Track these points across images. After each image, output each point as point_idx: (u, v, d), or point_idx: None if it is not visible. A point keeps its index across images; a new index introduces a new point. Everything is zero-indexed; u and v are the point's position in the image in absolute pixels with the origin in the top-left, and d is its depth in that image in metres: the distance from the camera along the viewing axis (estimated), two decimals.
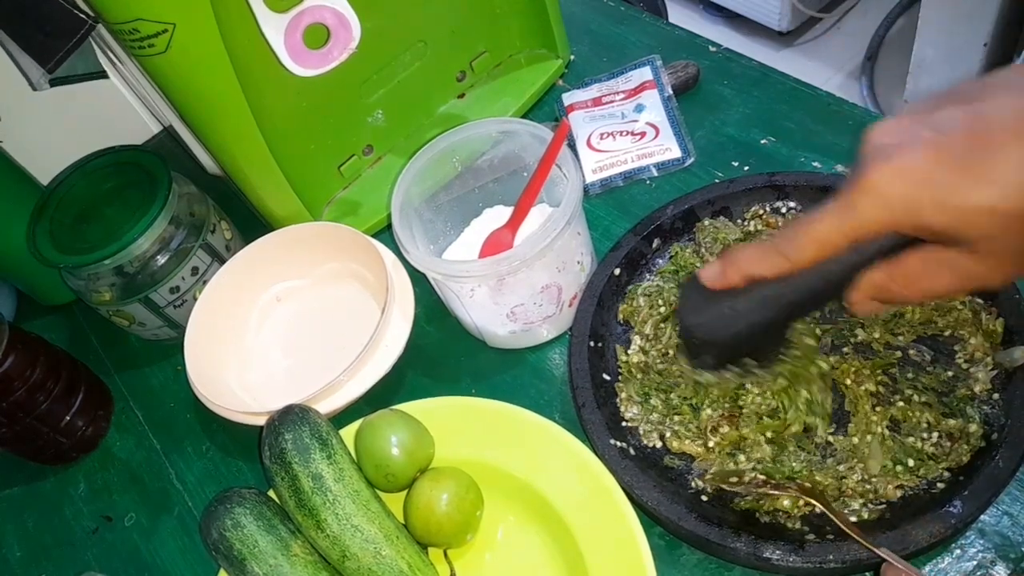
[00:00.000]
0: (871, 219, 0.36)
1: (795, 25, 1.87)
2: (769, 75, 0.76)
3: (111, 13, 0.53)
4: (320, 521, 0.51)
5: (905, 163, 0.34)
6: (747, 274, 0.42)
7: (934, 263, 0.36)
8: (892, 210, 0.35)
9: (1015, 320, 0.51)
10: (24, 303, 0.85)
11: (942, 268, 0.36)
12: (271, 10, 0.58)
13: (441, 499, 0.53)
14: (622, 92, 0.77)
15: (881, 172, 0.35)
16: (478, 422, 0.58)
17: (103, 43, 0.66)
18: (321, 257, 0.71)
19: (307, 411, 0.56)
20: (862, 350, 0.55)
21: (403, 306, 0.64)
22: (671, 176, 0.72)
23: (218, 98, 0.60)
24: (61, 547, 0.67)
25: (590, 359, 0.57)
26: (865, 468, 0.50)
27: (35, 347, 0.66)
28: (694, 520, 0.49)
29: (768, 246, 0.41)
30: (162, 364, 0.75)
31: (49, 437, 0.68)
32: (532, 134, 0.61)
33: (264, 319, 0.72)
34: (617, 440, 0.54)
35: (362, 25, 0.61)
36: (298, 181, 0.70)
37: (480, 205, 0.67)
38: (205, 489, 0.66)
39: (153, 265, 0.66)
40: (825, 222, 0.38)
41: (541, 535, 0.54)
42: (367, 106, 0.74)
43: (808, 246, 0.39)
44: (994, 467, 0.46)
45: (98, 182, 0.71)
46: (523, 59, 0.82)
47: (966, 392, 0.51)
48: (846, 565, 0.45)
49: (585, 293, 0.61)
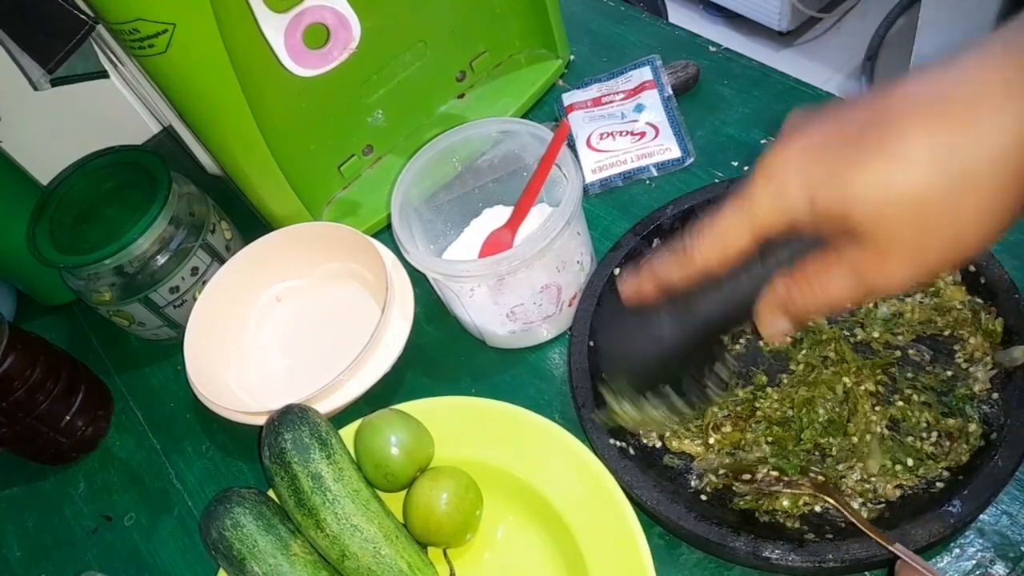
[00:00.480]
0: (768, 207, 0.34)
1: (795, 25, 1.87)
2: (769, 75, 0.76)
3: (111, 13, 0.53)
4: (320, 521, 0.51)
5: (800, 143, 0.33)
6: (658, 280, 0.40)
7: (831, 263, 0.34)
8: (787, 196, 0.33)
9: (1015, 320, 0.51)
10: (24, 303, 0.85)
11: (840, 268, 0.34)
12: (271, 10, 0.58)
13: (441, 499, 0.53)
14: (622, 92, 0.77)
15: (776, 154, 0.34)
16: (478, 422, 0.58)
17: (103, 43, 0.66)
18: (321, 257, 0.71)
19: (307, 411, 0.56)
20: (862, 350, 0.55)
21: (403, 306, 0.64)
22: (671, 176, 0.72)
23: (218, 98, 0.60)
24: (61, 547, 0.67)
25: (590, 359, 0.57)
26: (864, 467, 0.50)
27: (35, 347, 0.66)
28: (693, 520, 0.49)
29: (677, 248, 0.39)
30: (162, 364, 0.75)
31: (49, 437, 0.68)
32: (532, 134, 0.61)
33: (264, 319, 0.72)
34: (617, 440, 0.54)
35: (362, 25, 0.61)
36: (298, 181, 0.70)
37: (480, 205, 0.67)
38: (205, 489, 0.66)
39: (153, 265, 0.67)
40: (726, 215, 0.36)
41: (541, 535, 0.55)
42: (367, 106, 0.74)
43: (711, 242, 0.37)
44: (993, 466, 0.46)
45: (98, 182, 0.71)
46: (523, 59, 0.82)
47: (965, 392, 0.51)
48: (845, 564, 0.46)
49: (585, 293, 0.61)
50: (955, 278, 0.55)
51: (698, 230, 0.37)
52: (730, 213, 0.36)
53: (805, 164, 0.33)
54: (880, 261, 0.33)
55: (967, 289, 0.54)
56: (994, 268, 0.53)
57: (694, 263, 0.38)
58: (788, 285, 0.36)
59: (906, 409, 0.51)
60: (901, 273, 0.33)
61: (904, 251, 0.32)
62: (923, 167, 0.30)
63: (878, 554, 0.45)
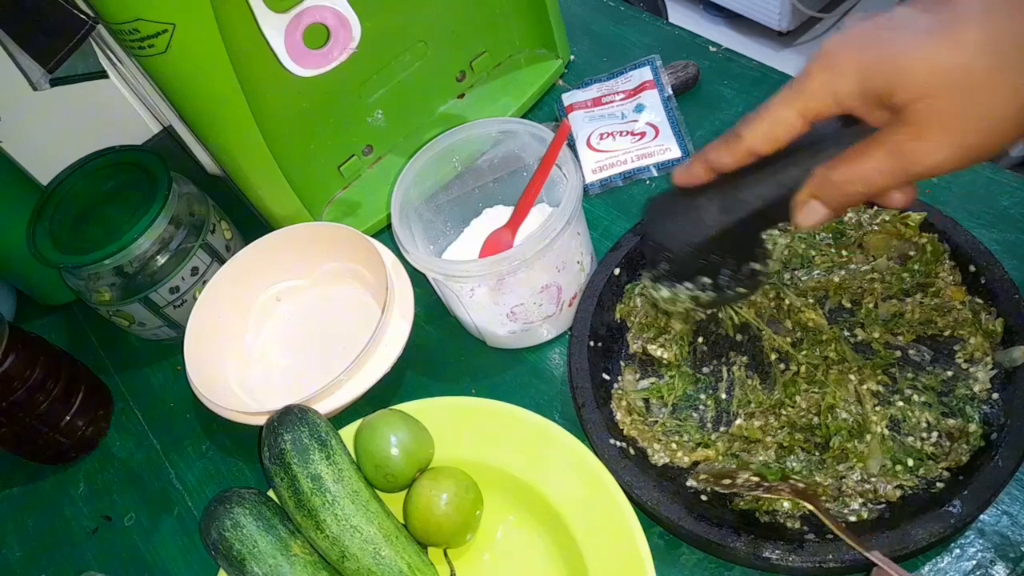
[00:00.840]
0: (821, 87, 0.35)
1: (795, 25, 1.87)
2: (769, 75, 0.76)
3: (111, 13, 0.53)
4: (319, 521, 0.51)
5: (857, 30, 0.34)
6: (709, 163, 0.41)
7: (872, 144, 0.35)
8: (839, 74, 0.34)
9: (1015, 320, 0.51)
10: (24, 303, 0.85)
11: (879, 148, 0.35)
12: (271, 10, 0.58)
13: (441, 499, 0.53)
14: (622, 92, 0.77)
15: (834, 41, 0.35)
16: (478, 422, 0.58)
17: (103, 43, 0.66)
18: (321, 257, 0.71)
19: (306, 411, 0.56)
20: (862, 350, 0.55)
21: (403, 306, 0.64)
22: (671, 176, 0.72)
23: (218, 98, 0.60)
24: (61, 547, 0.67)
25: (590, 359, 0.57)
26: (865, 468, 0.50)
27: (35, 347, 0.66)
28: (694, 520, 0.49)
29: (728, 133, 0.40)
30: (162, 364, 0.75)
31: (49, 437, 0.68)
32: (532, 134, 0.61)
33: (264, 319, 0.72)
34: (617, 440, 0.54)
35: (362, 25, 0.61)
36: (298, 181, 0.70)
37: (480, 205, 0.67)
38: (205, 489, 0.66)
39: (153, 265, 0.67)
40: (779, 98, 0.37)
41: (541, 535, 0.54)
42: (367, 106, 0.74)
43: (762, 124, 0.38)
44: (993, 467, 0.46)
45: (98, 182, 0.71)
46: (523, 59, 0.82)
47: (966, 392, 0.51)
48: (845, 565, 0.45)
49: (585, 293, 0.61)
50: (955, 278, 0.55)
51: (748, 117, 0.38)
52: (783, 96, 0.37)
53: (860, 47, 0.34)
54: (919, 137, 0.34)
55: (967, 289, 0.54)
56: (994, 268, 0.53)
57: (744, 147, 0.39)
58: (829, 167, 0.37)
59: (906, 409, 0.51)
60: (938, 152, 0.34)
61: (943, 126, 0.33)
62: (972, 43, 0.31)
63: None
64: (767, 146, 0.38)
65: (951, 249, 0.55)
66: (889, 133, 0.34)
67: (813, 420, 0.52)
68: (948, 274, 0.55)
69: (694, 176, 0.42)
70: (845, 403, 0.52)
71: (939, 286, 0.55)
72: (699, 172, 0.42)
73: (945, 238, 0.56)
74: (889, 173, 0.35)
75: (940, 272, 0.55)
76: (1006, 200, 0.61)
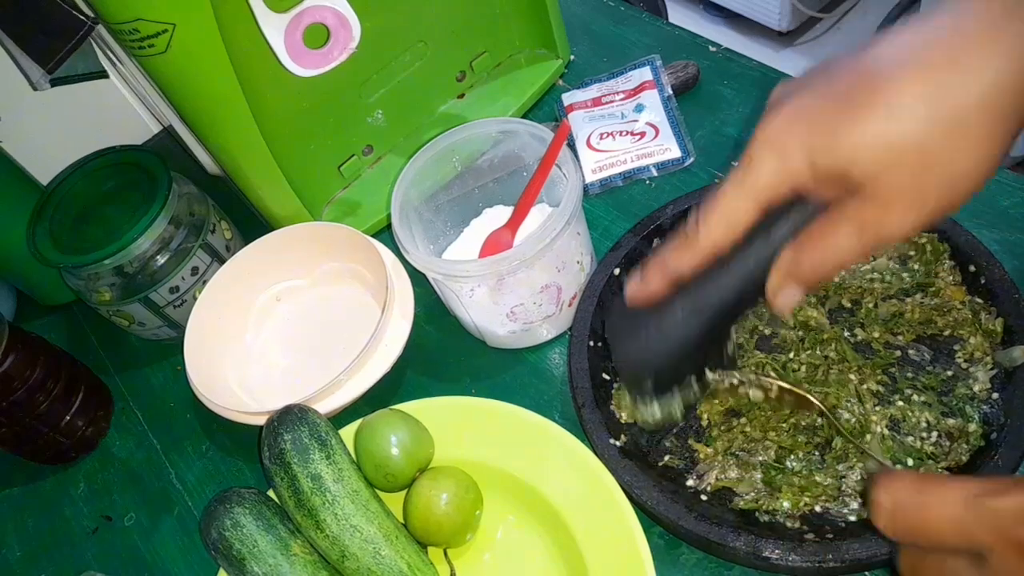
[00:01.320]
0: (769, 172, 0.34)
1: (795, 25, 1.87)
2: (769, 75, 0.76)
3: (111, 13, 0.53)
4: (319, 521, 0.51)
5: (795, 106, 0.34)
6: (666, 272, 0.40)
7: (835, 220, 0.35)
8: (788, 158, 0.34)
9: (1015, 320, 0.51)
10: (24, 303, 0.85)
11: (844, 225, 0.34)
12: (271, 10, 0.58)
13: (441, 499, 0.53)
14: (622, 92, 0.77)
15: (772, 121, 0.34)
16: (478, 422, 0.58)
17: (103, 43, 0.66)
18: (321, 257, 0.71)
19: (306, 411, 0.56)
20: (862, 350, 0.55)
21: (403, 306, 0.64)
22: (671, 176, 0.72)
23: (218, 98, 0.60)
24: (61, 547, 0.67)
25: (590, 359, 0.57)
26: (864, 468, 0.50)
27: (35, 347, 0.66)
28: (694, 519, 0.49)
29: (679, 235, 0.39)
30: (162, 364, 0.75)
31: (49, 437, 0.68)
32: (532, 134, 0.61)
33: (264, 319, 0.72)
34: (617, 440, 0.54)
35: (362, 25, 0.61)
36: (298, 181, 0.70)
37: (480, 205, 0.67)
38: (205, 489, 0.66)
39: (153, 265, 0.67)
40: (727, 189, 0.36)
41: (541, 535, 0.54)
42: (367, 106, 0.74)
43: (715, 219, 0.37)
44: (993, 467, 0.46)
45: (98, 182, 0.71)
46: (523, 59, 0.82)
47: (965, 392, 0.51)
48: (845, 564, 0.45)
49: (585, 293, 0.61)
50: (955, 278, 0.55)
51: (701, 212, 0.37)
52: (732, 187, 0.36)
53: (801, 127, 0.33)
54: (883, 211, 0.33)
55: (967, 289, 0.54)
56: (994, 268, 0.53)
57: (701, 246, 0.38)
58: (795, 251, 0.36)
59: (906, 409, 0.51)
60: (904, 221, 0.33)
61: (905, 199, 0.33)
62: (916, 114, 0.31)
63: (878, 554, 0.45)
64: (726, 240, 0.37)
65: (951, 249, 0.55)
66: (852, 209, 0.34)
67: (816, 420, 0.52)
68: (948, 274, 0.55)
69: (652, 291, 0.40)
70: (847, 403, 0.52)
71: (939, 286, 0.55)
72: (656, 284, 0.40)
73: (945, 238, 0.56)
74: (859, 247, 0.35)
75: (940, 272, 0.55)
76: (1006, 200, 0.61)
